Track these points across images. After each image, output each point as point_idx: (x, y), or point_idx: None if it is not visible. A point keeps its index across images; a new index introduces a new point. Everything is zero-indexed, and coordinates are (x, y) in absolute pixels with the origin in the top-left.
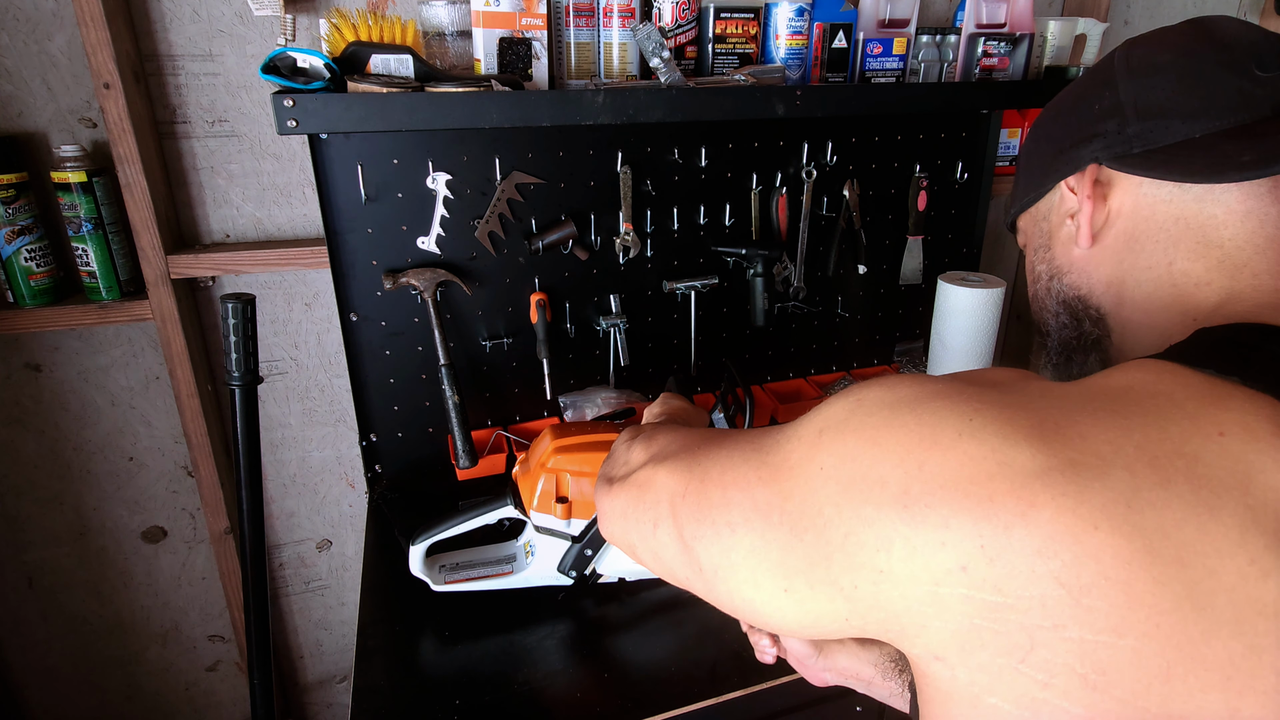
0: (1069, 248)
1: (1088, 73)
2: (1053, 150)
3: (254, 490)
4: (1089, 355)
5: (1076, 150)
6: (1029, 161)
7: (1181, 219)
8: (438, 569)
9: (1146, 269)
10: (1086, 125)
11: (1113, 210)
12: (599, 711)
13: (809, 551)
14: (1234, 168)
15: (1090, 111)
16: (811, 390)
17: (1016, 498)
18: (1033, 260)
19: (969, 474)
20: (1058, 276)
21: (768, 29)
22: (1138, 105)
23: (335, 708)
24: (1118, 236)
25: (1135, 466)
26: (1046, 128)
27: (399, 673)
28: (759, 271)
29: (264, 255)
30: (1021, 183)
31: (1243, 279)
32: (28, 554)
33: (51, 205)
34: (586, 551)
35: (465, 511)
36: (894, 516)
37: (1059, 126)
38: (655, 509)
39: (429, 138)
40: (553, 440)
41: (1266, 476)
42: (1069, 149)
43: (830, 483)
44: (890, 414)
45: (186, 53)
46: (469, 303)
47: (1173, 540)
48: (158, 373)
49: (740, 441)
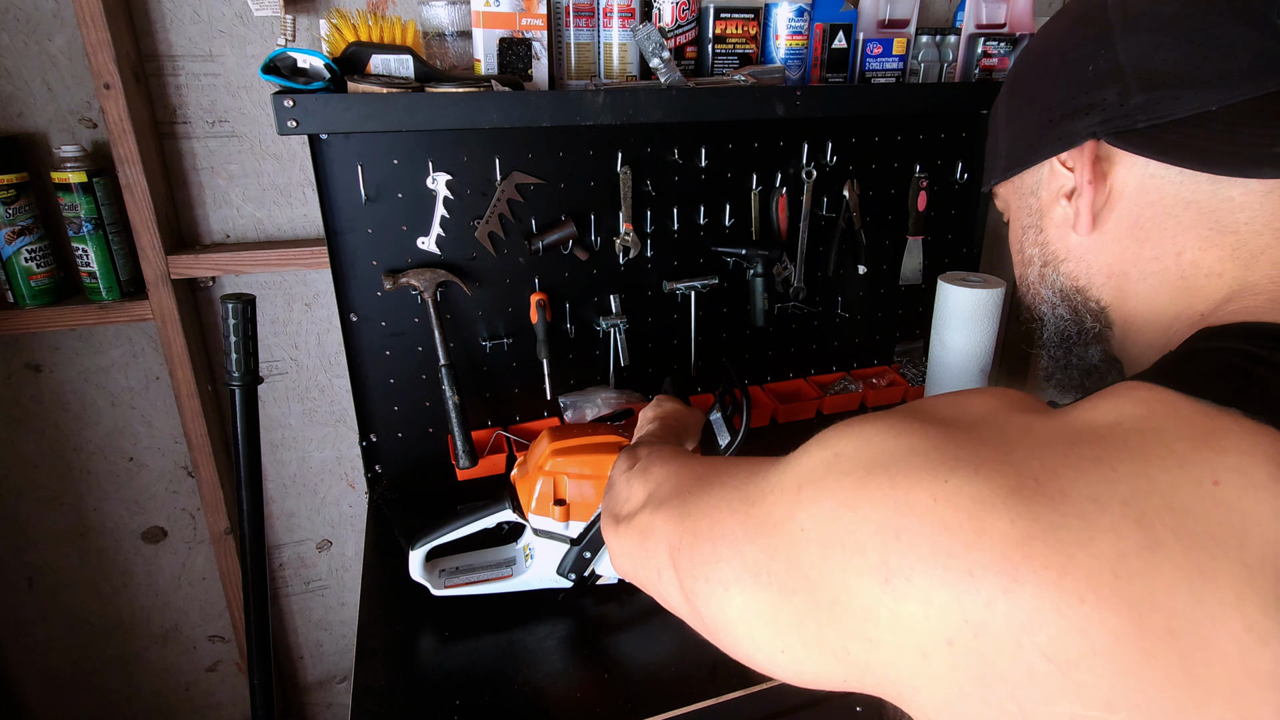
0: (1065, 232)
1: (1071, 16)
2: (1040, 117)
3: (254, 490)
4: (1089, 348)
5: (1070, 122)
6: (1011, 124)
7: (1194, 203)
8: (437, 573)
9: (1152, 259)
10: (1080, 92)
11: (1114, 191)
12: (599, 711)
13: (799, 612)
14: (1267, 161)
15: (1083, 74)
16: (811, 390)
17: (998, 571)
18: (1021, 240)
19: (947, 546)
20: (1053, 264)
21: (768, 29)
22: (1141, 70)
23: (335, 708)
24: (1120, 222)
25: (1121, 528)
26: (1029, 86)
27: (399, 673)
28: (759, 272)
29: (264, 255)
30: (1002, 147)
31: (1259, 268)
32: (28, 554)
33: (51, 205)
34: (585, 554)
35: (464, 516)
36: (876, 589)
37: (1045, 87)
38: (657, 557)
39: (429, 138)
40: (550, 443)
41: (1264, 528)
42: (1060, 120)
43: (811, 545)
44: (865, 475)
45: (187, 53)
46: (469, 303)
47: (1163, 609)
48: (158, 373)
49: (728, 485)
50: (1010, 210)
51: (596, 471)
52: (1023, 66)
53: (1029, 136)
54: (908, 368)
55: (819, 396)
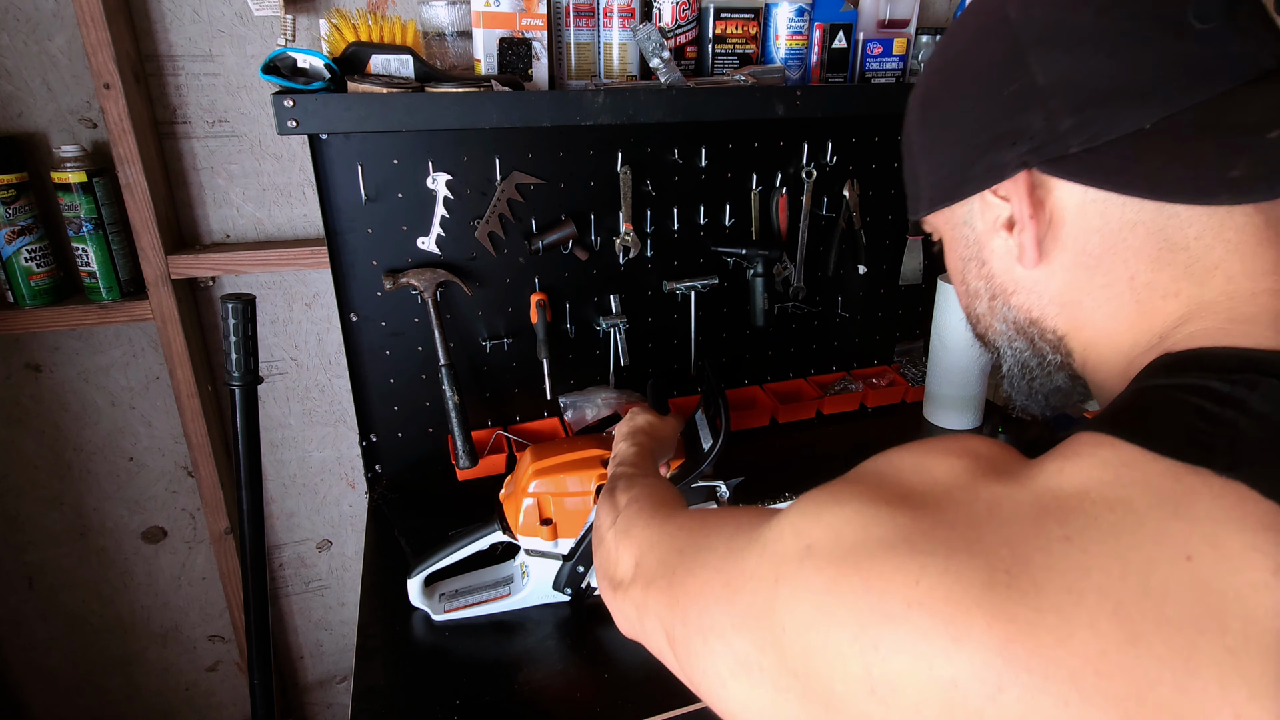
0: (1010, 264)
1: (973, 30)
2: (960, 146)
3: (254, 490)
4: (1052, 375)
5: (996, 153)
6: (929, 152)
7: (1140, 224)
8: (436, 597)
9: (1104, 285)
10: (1001, 117)
11: (1055, 219)
12: (599, 711)
13: (796, 709)
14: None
15: (999, 97)
16: (811, 390)
17: (981, 681)
18: (962, 272)
19: (928, 655)
20: (1002, 297)
21: (768, 29)
22: (1065, 89)
23: (335, 708)
24: (1066, 250)
25: (1099, 622)
26: (942, 110)
27: (399, 673)
28: (759, 271)
29: (264, 255)
30: (923, 176)
31: (1213, 284)
32: (28, 554)
33: (51, 205)
34: (579, 568)
35: (456, 541)
36: (864, 698)
37: (959, 113)
38: (655, 637)
39: (429, 138)
40: (532, 462)
41: (1242, 605)
42: (986, 149)
43: (795, 645)
44: (837, 573)
45: (186, 53)
46: (469, 303)
47: (1149, 704)
48: (158, 373)
49: (709, 564)
50: (944, 238)
51: (580, 488)
52: (932, 87)
53: (952, 167)
54: (908, 368)
55: (819, 396)
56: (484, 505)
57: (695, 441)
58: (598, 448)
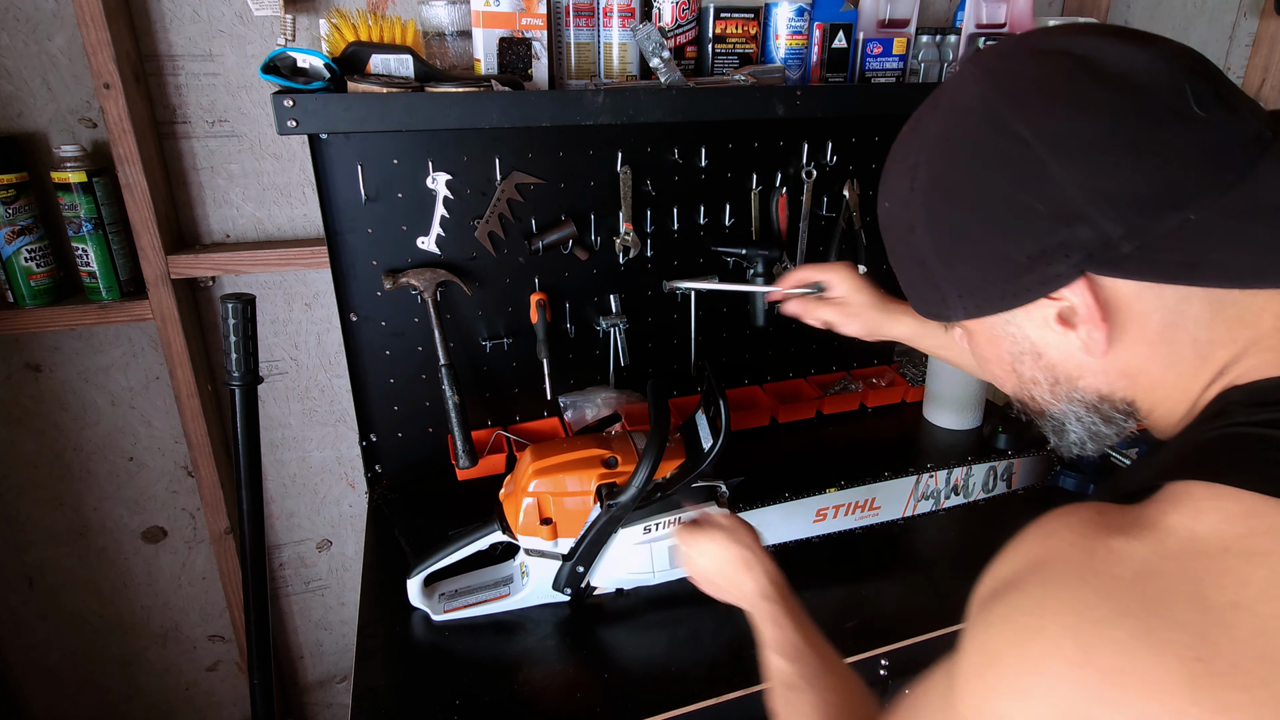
0: (1071, 353)
1: (976, 146)
2: (997, 263)
3: (254, 490)
4: (1121, 432)
5: (1048, 266)
6: (949, 263)
7: (1192, 295)
8: (436, 597)
9: (1167, 354)
10: (1041, 234)
11: (1115, 311)
12: (599, 711)
13: None
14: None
15: (1033, 214)
16: (811, 390)
17: None
18: (1011, 364)
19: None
20: (1066, 382)
21: (768, 29)
22: (1104, 200)
23: (335, 708)
24: (1130, 335)
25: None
26: (959, 227)
27: (399, 673)
28: (759, 271)
29: (264, 255)
30: (945, 286)
31: (1264, 323)
32: (28, 554)
33: (51, 205)
34: (578, 569)
35: (455, 541)
36: None
37: (985, 230)
38: None
39: (429, 138)
40: (532, 462)
41: None
42: (1033, 264)
43: None
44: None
45: (186, 53)
46: (469, 303)
47: None
48: (158, 373)
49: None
50: (977, 336)
51: (580, 488)
52: (939, 203)
53: (988, 281)
54: (908, 368)
55: (819, 396)
56: (484, 505)
57: (695, 441)
58: (598, 448)
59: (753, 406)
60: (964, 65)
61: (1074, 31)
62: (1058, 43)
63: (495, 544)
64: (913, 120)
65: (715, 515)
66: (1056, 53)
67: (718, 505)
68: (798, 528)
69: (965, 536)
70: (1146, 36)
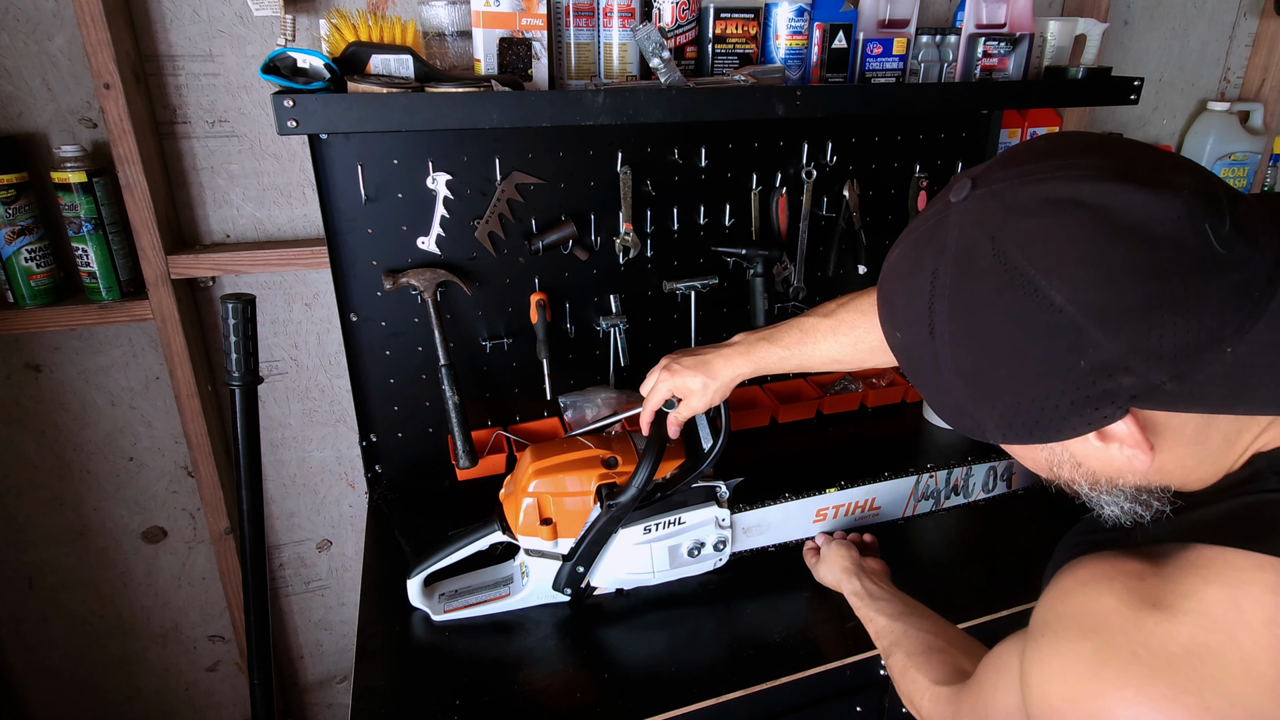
0: (1112, 462)
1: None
2: (1036, 407)
3: (254, 490)
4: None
5: (1094, 410)
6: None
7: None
8: (436, 598)
9: (1201, 447)
10: (1084, 384)
11: (1160, 432)
12: (599, 711)
13: None
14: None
15: (1074, 369)
16: (811, 390)
17: None
18: (1052, 470)
19: None
20: (1108, 482)
21: (768, 29)
22: (1149, 353)
23: (335, 708)
24: (1174, 444)
25: None
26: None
27: (399, 673)
28: (759, 271)
29: (264, 255)
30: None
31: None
32: (28, 554)
33: (51, 205)
34: (578, 569)
35: (455, 541)
36: None
37: (1022, 385)
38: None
39: (429, 138)
40: (532, 462)
41: None
42: (1075, 408)
43: None
44: None
45: (186, 53)
46: (469, 303)
47: None
48: (158, 373)
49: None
50: (1013, 448)
51: (580, 488)
52: (962, 359)
53: (1033, 421)
54: None
55: (819, 396)
56: (484, 505)
57: (695, 441)
58: (597, 448)
59: (753, 406)
60: (969, 208)
61: (1078, 175)
62: (1065, 190)
63: (495, 544)
64: (912, 255)
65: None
66: (1069, 203)
67: (718, 505)
68: (798, 528)
69: (965, 536)
70: (1155, 175)
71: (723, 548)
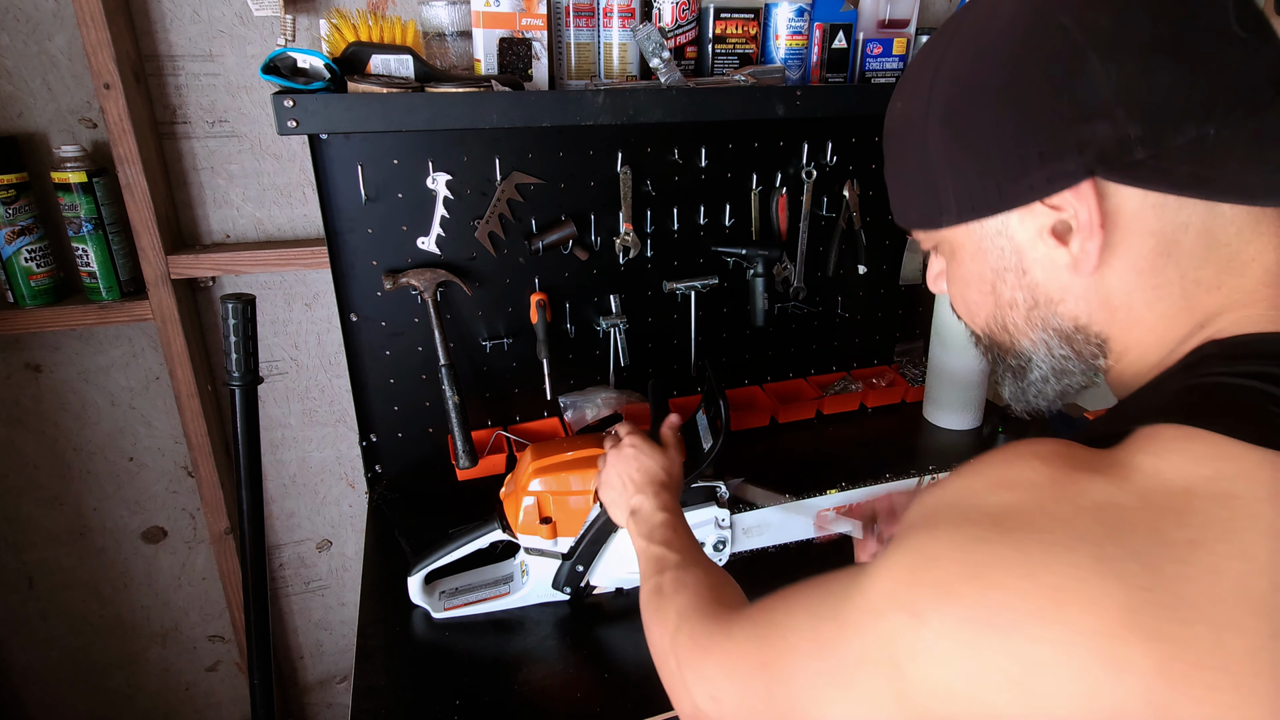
0: (1057, 272)
1: (1016, 41)
2: (1007, 156)
3: (254, 490)
4: (1087, 376)
5: (1056, 162)
6: (955, 161)
7: (1191, 225)
8: (436, 595)
9: (1155, 287)
10: (1059, 127)
11: (1117, 226)
12: (599, 711)
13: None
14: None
15: (1056, 106)
16: (811, 390)
17: (1147, 705)
18: (992, 282)
19: (1088, 694)
20: (1045, 306)
21: (768, 29)
22: (1132, 100)
23: (335, 708)
24: (1124, 257)
25: (1242, 622)
26: (976, 120)
27: (399, 673)
28: (759, 271)
29: (264, 255)
30: (945, 187)
31: (1252, 274)
32: (28, 554)
33: (51, 205)
34: (578, 568)
35: (456, 539)
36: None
37: (1002, 122)
38: None
39: (429, 138)
40: (532, 461)
41: None
42: (1043, 159)
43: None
44: (972, 637)
45: (187, 53)
46: (469, 303)
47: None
48: (158, 373)
49: (806, 666)
50: (959, 250)
51: (581, 487)
52: (958, 96)
53: (991, 178)
54: (908, 368)
55: (819, 396)
56: (484, 505)
57: (695, 442)
58: (598, 447)
59: (753, 406)
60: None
61: None
62: None
63: (495, 543)
64: (943, 26)
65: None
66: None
67: (718, 505)
68: (798, 529)
69: None
70: None
71: (722, 548)
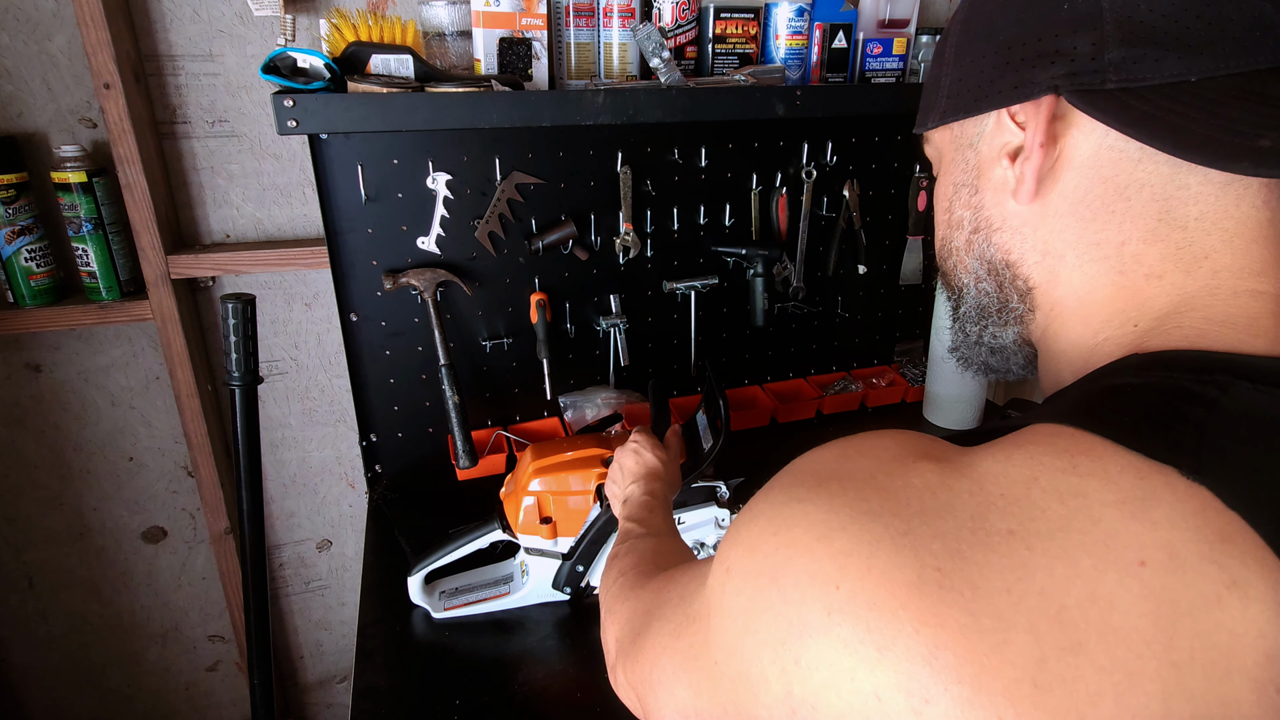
0: (1003, 197)
1: None
2: (995, 58)
3: (254, 490)
4: (1007, 328)
5: (1030, 69)
6: (960, 60)
7: (1148, 186)
8: (437, 595)
9: (1093, 244)
10: (1048, 33)
11: (1064, 158)
12: (599, 711)
13: None
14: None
15: (1055, 12)
16: (811, 390)
17: (906, 694)
18: (951, 198)
19: (849, 669)
20: (984, 231)
21: (768, 29)
22: (1124, 20)
23: (335, 708)
24: (1065, 195)
25: (1040, 625)
26: (988, 18)
27: (399, 673)
28: (759, 271)
29: (264, 255)
30: (946, 86)
31: (1199, 275)
32: (28, 554)
33: (51, 205)
34: (578, 568)
35: (456, 539)
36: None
37: (1006, 21)
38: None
39: (429, 138)
40: (532, 461)
41: (1192, 619)
42: (1019, 64)
43: (726, 676)
44: (755, 590)
45: (186, 53)
46: (469, 303)
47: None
48: (158, 373)
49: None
50: (943, 162)
51: (581, 487)
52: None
53: (980, 78)
54: (908, 368)
55: (819, 396)
56: (484, 505)
57: (695, 442)
58: (598, 447)
59: (753, 406)
60: None
61: None
62: None
63: (495, 543)
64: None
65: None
66: None
67: (718, 505)
68: None
69: None
70: None
71: None
